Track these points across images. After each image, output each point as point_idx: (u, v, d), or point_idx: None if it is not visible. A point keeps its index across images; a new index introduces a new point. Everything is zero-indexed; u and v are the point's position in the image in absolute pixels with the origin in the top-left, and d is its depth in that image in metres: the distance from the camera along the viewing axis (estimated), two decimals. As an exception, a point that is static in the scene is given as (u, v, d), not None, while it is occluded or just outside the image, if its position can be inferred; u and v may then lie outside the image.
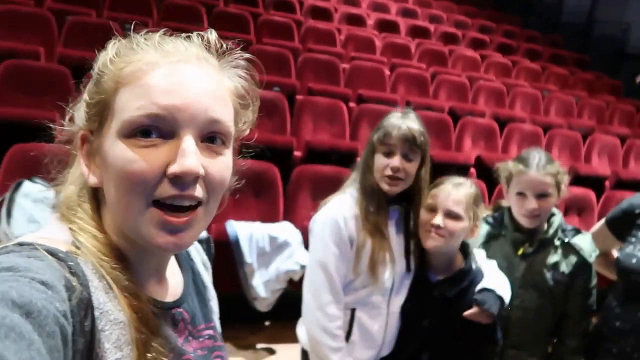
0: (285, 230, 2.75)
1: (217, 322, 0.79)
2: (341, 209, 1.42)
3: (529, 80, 6.26)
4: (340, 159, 3.30)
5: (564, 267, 1.59)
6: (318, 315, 1.40)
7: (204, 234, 0.78)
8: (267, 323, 3.09)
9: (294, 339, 1.59)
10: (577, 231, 1.64)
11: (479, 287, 1.46)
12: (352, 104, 4.36)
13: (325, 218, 1.43)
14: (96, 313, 0.53)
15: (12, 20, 3.76)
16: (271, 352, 2.87)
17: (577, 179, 4.26)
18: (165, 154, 0.55)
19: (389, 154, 1.40)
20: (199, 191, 0.57)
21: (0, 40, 3.45)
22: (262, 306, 2.76)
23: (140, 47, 0.59)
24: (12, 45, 3.37)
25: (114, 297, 0.56)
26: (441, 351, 1.47)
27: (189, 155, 0.54)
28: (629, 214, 1.61)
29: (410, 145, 1.38)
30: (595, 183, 4.20)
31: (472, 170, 4.00)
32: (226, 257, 2.62)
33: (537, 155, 1.57)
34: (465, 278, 1.47)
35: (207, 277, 0.80)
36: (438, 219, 1.40)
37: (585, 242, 1.60)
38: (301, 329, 1.52)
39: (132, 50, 0.59)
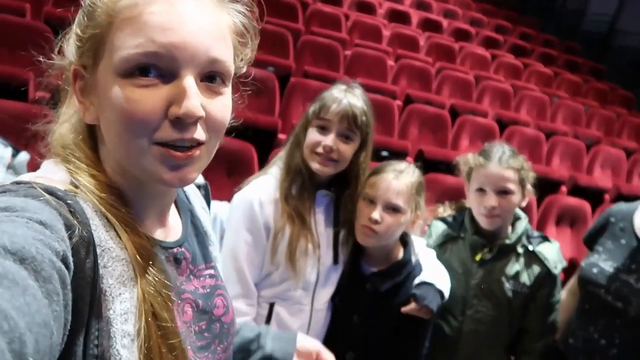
0: (254, 213, 2.62)
1: (218, 266, 0.78)
2: (259, 191, 1.27)
3: (540, 84, 6.05)
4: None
5: (525, 278, 1.44)
6: None
7: (201, 180, 0.83)
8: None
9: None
10: (544, 238, 1.48)
11: (417, 280, 1.32)
12: (348, 92, 4.21)
13: (240, 201, 1.27)
14: (98, 250, 0.53)
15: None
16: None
17: (576, 189, 4.10)
18: (165, 95, 0.54)
19: (323, 130, 1.24)
20: (199, 133, 0.56)
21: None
22: (224, 290, 2.64)
23: None
24: (-4, -1, 3.26)
25: (114, 235, 0.56)
26: (369, 352, 1.34)
27: (191, 97, 0.53)
28: (604, 223, 1.45)
29: (349, 124, 1.23)
30: (594, 195, 4.04)
31: (466, 170, 3.84)
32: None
33: (500, 149, 1.42)
34: (401, 271, 1.33)
35: (207, 221, 0.79)
36: (376, 214, 1.26)
37: (551, 251, 1.45)
38: None
39: None
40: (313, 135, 1.25)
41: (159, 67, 0.54)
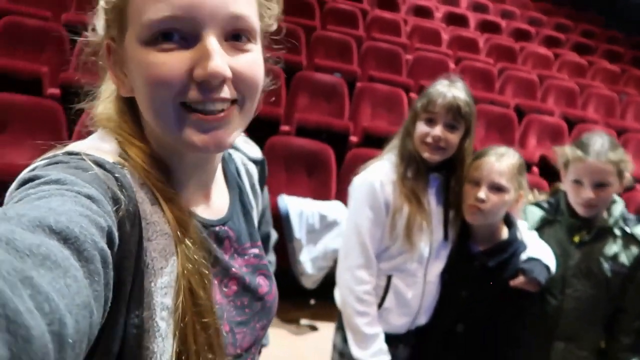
0: (335, 209, 2.77)
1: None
2: (379, 173, 1.42)
3: (606, 82, 5.90)
4: (397, 146, 3.27)
5: (624, 259, 1.49)
6: (347, 276, 1.41)
7: (258, 155, 0.83)
8: (312, 301, 3.13)
9: (336, 318, 1.57)
10: (640, 221, 1.53)
11: (524, 256, 1.43)
12: (412, 95, 4.31)
13: (362, 182, 1.42)
14: (143, 224, 0.54)
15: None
16: (313, 328, 2.91)
17: (651, 187, 3.99)
18: (189, 57, 0.53)
19: (431, 122, 1.37)
20: (228, 92, 0.54)
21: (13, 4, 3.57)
22: (309, 283, 2.79)
23: None
24: (20, 8, 3.48)
25: (159, 208, 0.56)
26: (477, 324, 1.45)
27: (214, 57, 0.52)
28: None
29: (454, 115, 1.35)
30: (672, 193, 3.91)
31: (535, 169, 3.83)
32: (276, 230, 2.68)
33: (598, 141, 1.44)
34: (507, 249, 1.43)
35: (253, 200, 0.79)
36: (482, 193, 1.37)
37: (648, 233, 1.50)
38: (337, 290, 1.53)
39: None
40: (422, 127, 1.38)
41: (180, 30, 0.53)
